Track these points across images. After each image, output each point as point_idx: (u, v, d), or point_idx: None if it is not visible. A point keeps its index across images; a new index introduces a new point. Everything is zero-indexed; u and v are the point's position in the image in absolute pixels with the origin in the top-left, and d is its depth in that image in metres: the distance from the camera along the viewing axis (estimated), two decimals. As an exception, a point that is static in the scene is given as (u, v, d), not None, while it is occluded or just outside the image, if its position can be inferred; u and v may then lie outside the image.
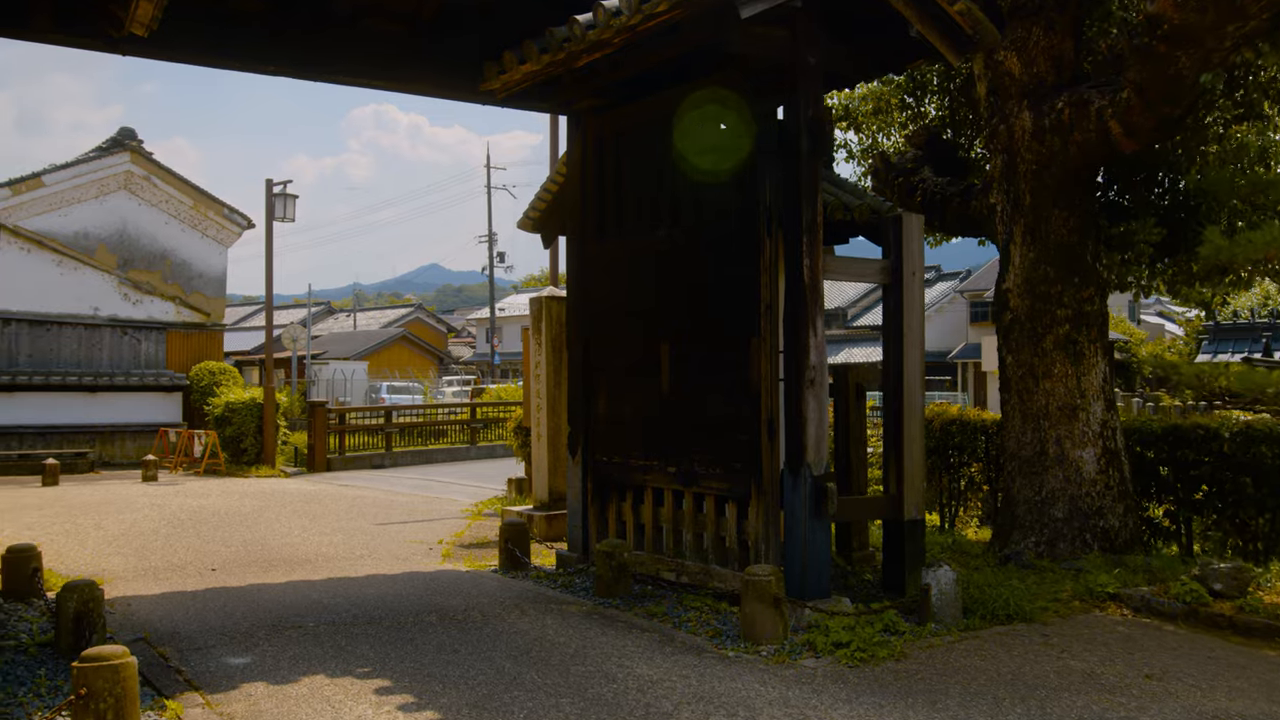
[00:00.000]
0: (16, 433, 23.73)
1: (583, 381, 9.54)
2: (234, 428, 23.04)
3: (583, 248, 9.57)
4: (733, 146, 8.09)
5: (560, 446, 11.93)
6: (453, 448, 25.81)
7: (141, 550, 10.73)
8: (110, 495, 16.84)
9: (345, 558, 10.36)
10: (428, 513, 14.67)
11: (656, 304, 8.72)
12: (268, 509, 14.73)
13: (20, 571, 8.00)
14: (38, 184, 24.62)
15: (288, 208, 23.44)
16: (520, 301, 79.42)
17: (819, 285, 7.73)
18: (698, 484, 8.28)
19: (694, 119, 8.46)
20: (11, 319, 24.33)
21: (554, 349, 11.94)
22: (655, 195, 8.83)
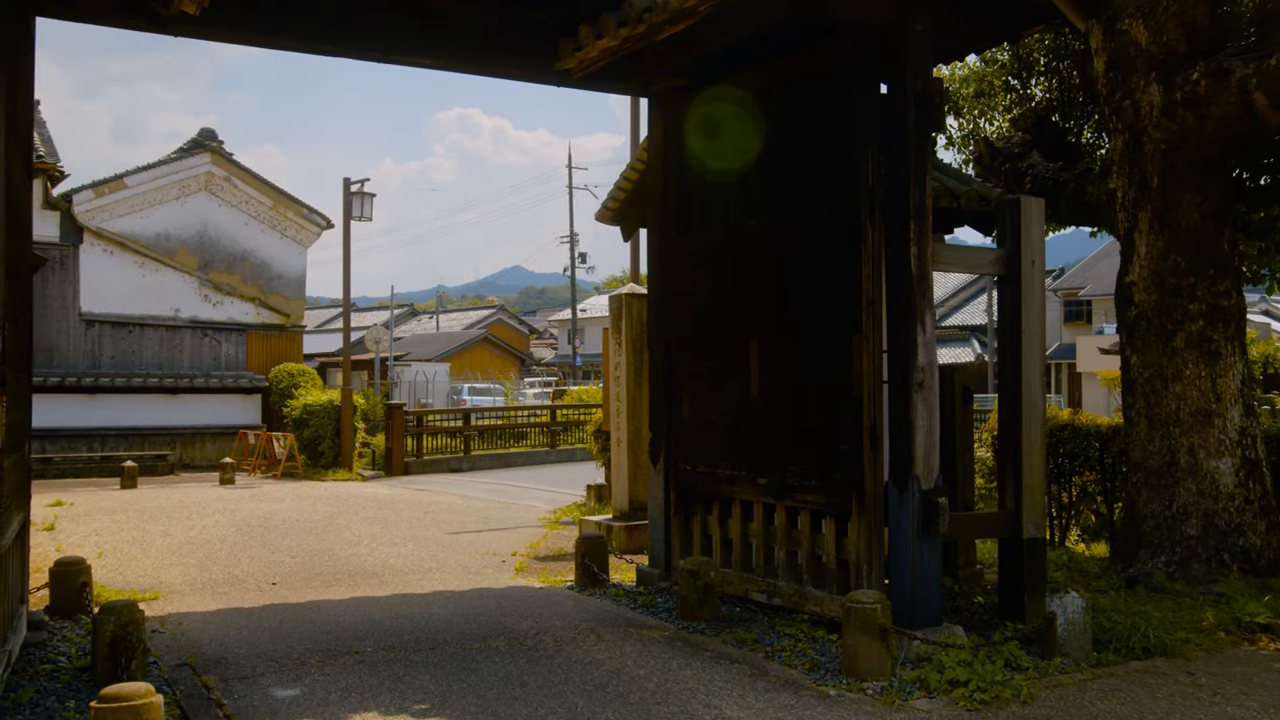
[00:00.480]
0: (99, 435, 23.78)
1: (665, 384, 8.84)
2: (312, 430, 22.78)
3: (664, 240, 8.87)
4: (830, 125, 7.32)
5: (641, 453, 11.24)
6: (532, 451, 25.30)
7: (204, 561, 10.28)
8: (184, 499, 16.58)
9: (413, 571, 9.78)
10: (503, 520, 14.09)
11: (745, 300, 7.98)
12: (339, 515, 14.28)
13: (68, 586, 7.55)
14: (120, 186, 24.66)
15: (365, 206, 23.12)
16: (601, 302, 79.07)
17: (928, 276, 6.93)
18: (791, 497, 7.52)
19: (786, 96, 7.72)
20: (95, 321, 24.42)
21: (634, 349, 11.26)
22: (743, 181, 8.09)
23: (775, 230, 7.74)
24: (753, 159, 7.98)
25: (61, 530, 12.65)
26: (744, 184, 8.08)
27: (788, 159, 7.67)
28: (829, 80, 7.35)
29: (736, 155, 8.15)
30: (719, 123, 8.36)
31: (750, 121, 8.01)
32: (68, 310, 24.11)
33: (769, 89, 7.86)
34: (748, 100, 8.05)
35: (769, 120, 7.85)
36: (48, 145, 24.13)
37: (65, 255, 24.13)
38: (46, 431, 23.11)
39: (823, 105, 7.40)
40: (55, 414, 23.32)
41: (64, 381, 23.41)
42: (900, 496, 6.81)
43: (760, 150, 7.92)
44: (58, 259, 24.03)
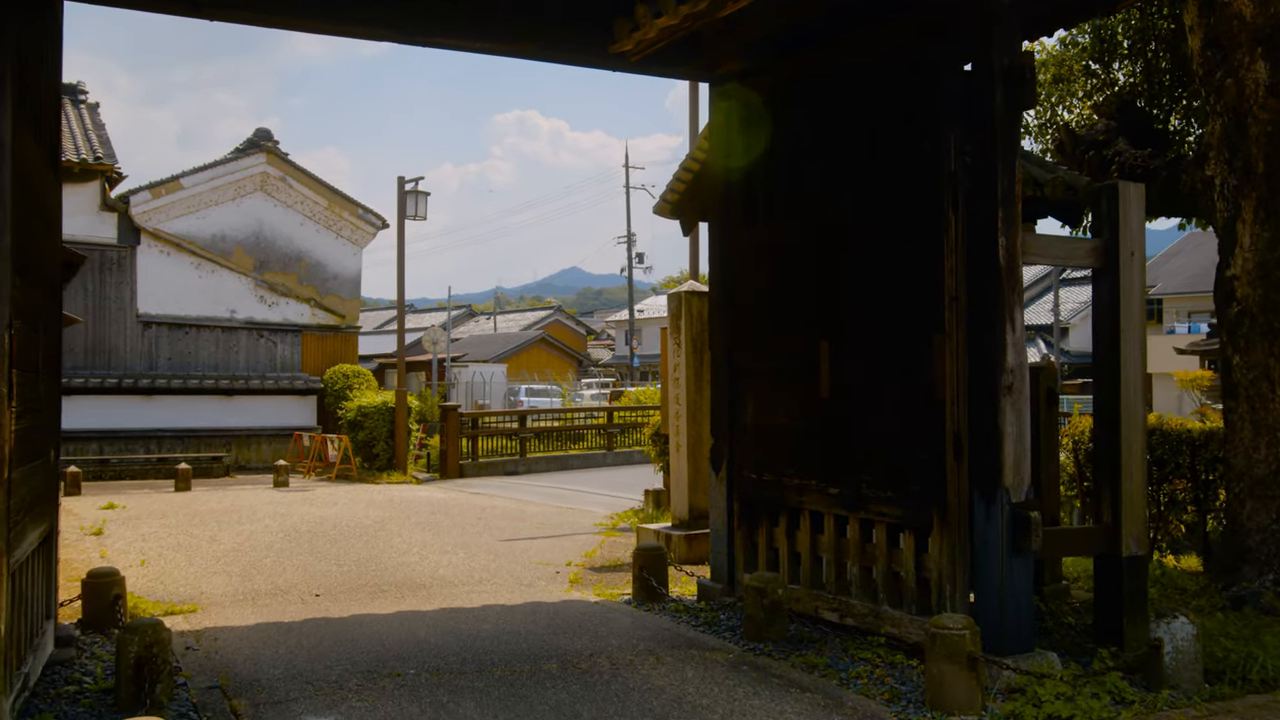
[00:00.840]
0: (156, 436, 23.73)
1: (728, 386, 8.30)
2: (366, 432, 22.52)
3: (727, 233, 8.33)
4: (907, 107, 6.75)
5: (701, 458, 10.71)
6: (588, 453, 24.86)
7: (248, 569, 9.92)
8: (236, 503, 16.33)
9: (463, 582, 9.34)
10: (558, 526, 13.63)
11: (815, 296, 7.43)
12: (391, 520, 13.91)
13: (101, 599, 7.18)
14: (176, 187, 24.61)
15: (419, 205, 22.82)
16: (659, 303, 78.63)
17: (1017, 269, 6.34)
18: (865, 508, 6.95)
19: (858, 77, 7.15)
20: (152, 322, 24.39)
21: (694, 349, 10.73)
22: (813, 169, 7.55)
23: (847, 221, 7.18)
24: (822, 145, 7.44)
25: (109, 535, 12.40)
26: (813, 172, 7.53)
27: (861, 144, 7.11)
28: (905, 58, 6.78)
29: (804, 141, 7.62)
30: (785, 107, 7.82)
31: (819, 105, 7.47)
32: (125, 311, 24.09)
33: (839, 69, 7.30)
34: (816, 82, 7.50)
35: (839, 103, 7.30)
36: (106, 147, 24.15)
37: (123, 256, 24.12)
38: (104, 433, 23.13)
39: (899, 85, 6.83)
40: (113, 415, 23.32)
41: (121, 383, 23.38)
42: (987, 510, 6.22)
43: (830, 136, 7.37)
44: (115, 260, 24.03)
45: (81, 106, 26.17)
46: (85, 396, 23.03)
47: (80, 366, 23.44)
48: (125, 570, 9.77)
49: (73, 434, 22.64)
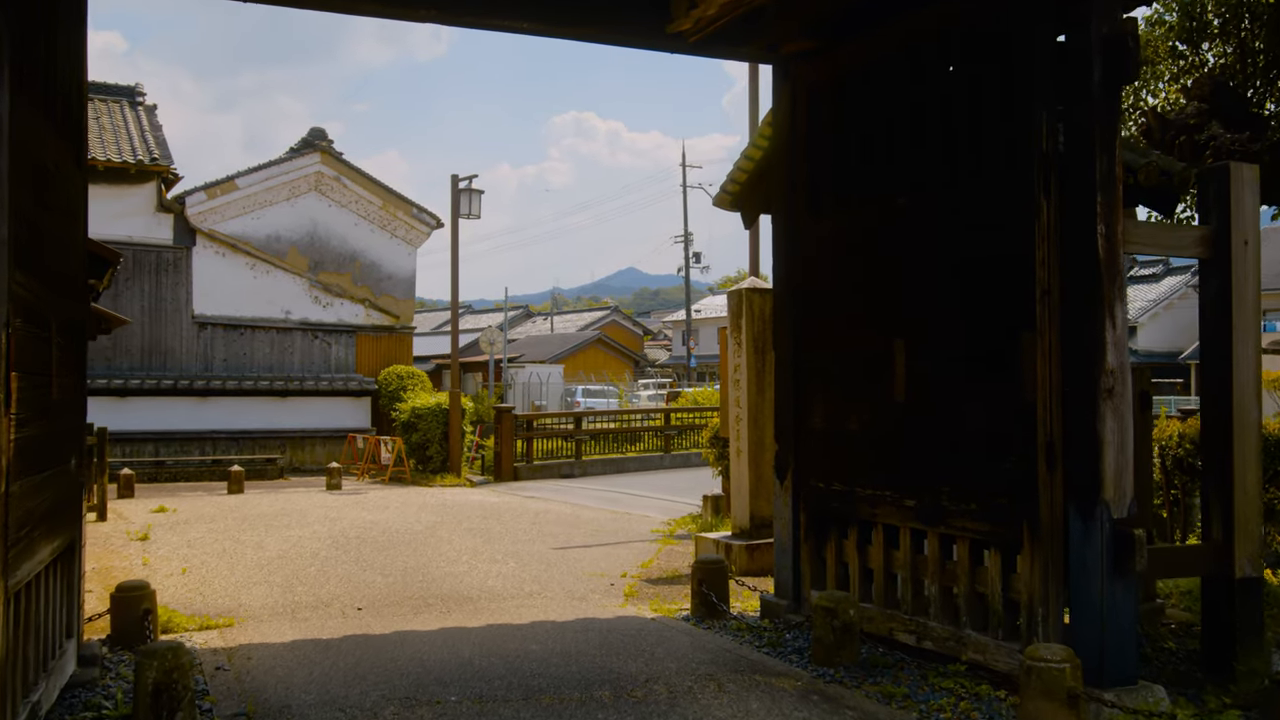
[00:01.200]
0: (210, 438, 23.63)
1: (793, 389, 7.74)
2: (420, 434, 22.20)
3: (792, 225, 7.77)
4: (992, 84, 6.16)
5: (763, 464, 10.17)
6: (645, 456, 24.36)
7: (290, 580, 9.54)
8: (287, 506, 16.05)
9: (512, 595, 8.87)
10: (614, 533, 13.14)
11: (889, 291, 6.85)
12: (441, 526, 13.51)
13: (130, 613, 6.81)
14: (231, 187, 24.51)
15: (473, 204, 22.46)
16: (717, 303, 78.02)
17: (1117, 260, 5.72)
18: (945, 522, 6.36)
19: (937, 54, 6.57)
20: (207, 323, 24.31)
21: (756, 350, 10.19)
22: (886, 155, 6.97)
23: (925, 209, 6.60)
24: (896, 129, 6.86)
25: (155, 540, 12.12)
26: (887, 158, 6.95)
27: (940, 127, 6.53)
28: (990, 30, 6.19)
29: (876, 125, 7.05)
30: (855, 89, 7.25)
31: (892, 86, 6.89)
32: (181, 313, 24.03)
33: (915, 46, 6.72)
34: (889, 61, 6.93)
35: (916, 83, 6.71)
36: (162, 148, 24.12)
37: (178, 257, 24.07)
38: (159, 434, 23.07)
39: (982, 60, 6.24)
40: (168, 417, 23.26)
41: (176, 384, 23.31)
42: (1085, 526, 5.61)
43: (905, 118, 6.79)
44: (171, 261, 23.98)
45: (139, 109, 26.20)
46: (141, 398, 23.01)
47: (137, 368, 23.43)
48: (165, 579, 9.48)
49: (128, 435, 22.64)
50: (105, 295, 22.87)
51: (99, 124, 24.68)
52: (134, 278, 23.53)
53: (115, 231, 23.17)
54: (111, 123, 24.99)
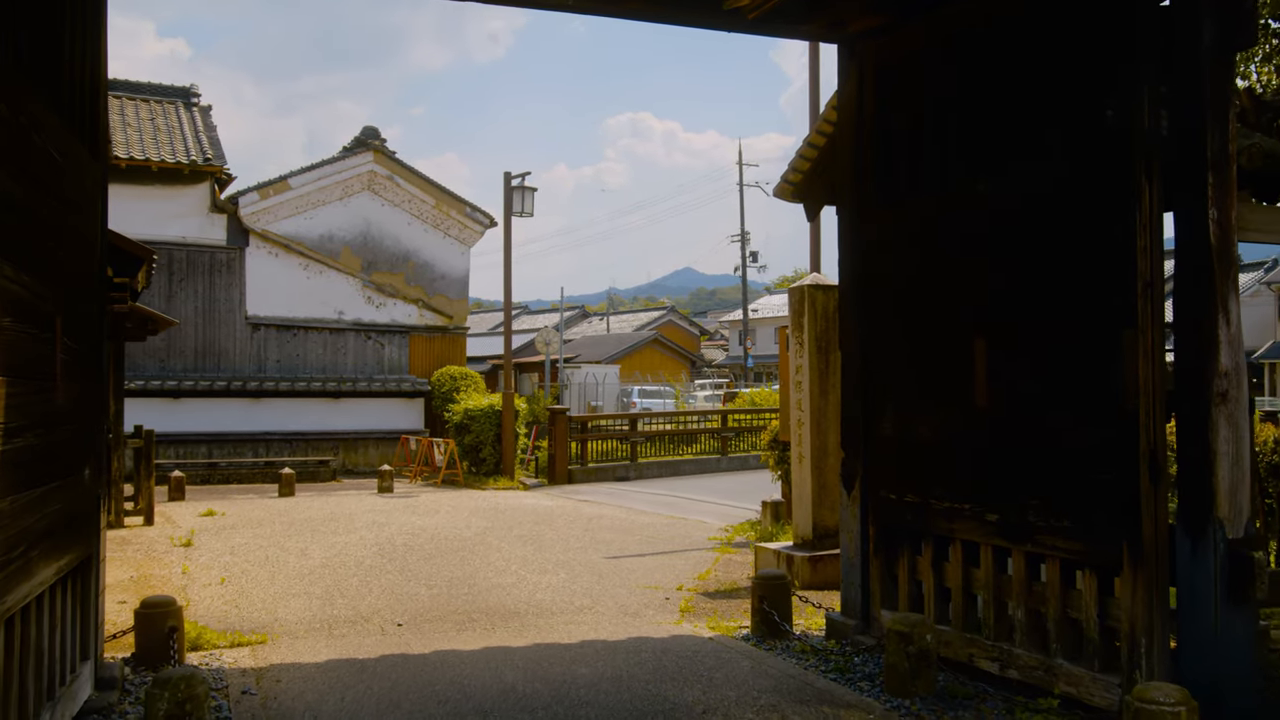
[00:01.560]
0: (264, 439, 23.47)
1: (861, 392, 7.17)
2: (473, 436, 21.86)
3: (859, 215, 7.20)
4: (1084, 55, 5.55)
5: (826, 471, 9.60)
6: (702, 458, 23.82)
7: (331, 591, 9.14)
8: (337, 510, 15.73)
9: (561, 609, 8.39)
10: (669, 540, 12.63)
11: (968, 286, 6.26)
12: (492, 532, 13.08)
13: (155, 631, 6.41)
14: (284, 187, 24.34)
15: (526, 201, 22.07)
16: (774, 302, 77.25)
17: (1231, 248, 5.11)
18: (1032, 539, 5.77)
19: (1020, 25, 5.97)
20: (261, 324, 24.16)
21: (819, 350, 9.62)
22: (965, 138, 6.38)
23: (1009, 195, 6.00)
24: (976, 109, 6.27)
25: (198, 546, 11.81)
26: (965, 141, 6.36)
27: (1026, 104, 5.92)
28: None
29: (953, 105, 6.45)
30: (928, 68, 6.67)
31: (971, 62, 6.30)
32: (234, 313, 23.91)
33: (996, 18, 6.13)
34: (967, 35, 6.34)
35: (997, 58, 6.12)
36: (215, 149, 24.01)
37: (231, 258, 23.95)
38: (213, 436, 22.96)
39: (1073, 30, 5.63)
40: (221, 418, 23.14)
41: (230, 385, 23.17)
42: (1194, 547, 5.00)
43: (986, 97, 6.20)
44: (224, 262, 23.87)
45: (194, 109, 26.15)
46: (194, 399, 22.90)
47: (190, 369, 23.34)
48: (203, 589, 9.12)
49: (182, 437, 22.55)
50: (159, 296, 22.83)
51: (154, 125, 24.66)
52: (187, 279, 23.45)
53: (169, 232, 23.13)
54: (166, 124, 24.95)
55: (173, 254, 23.25)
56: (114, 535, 12.95)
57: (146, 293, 22.78)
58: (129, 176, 22.63)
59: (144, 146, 23.23)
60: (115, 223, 18.57)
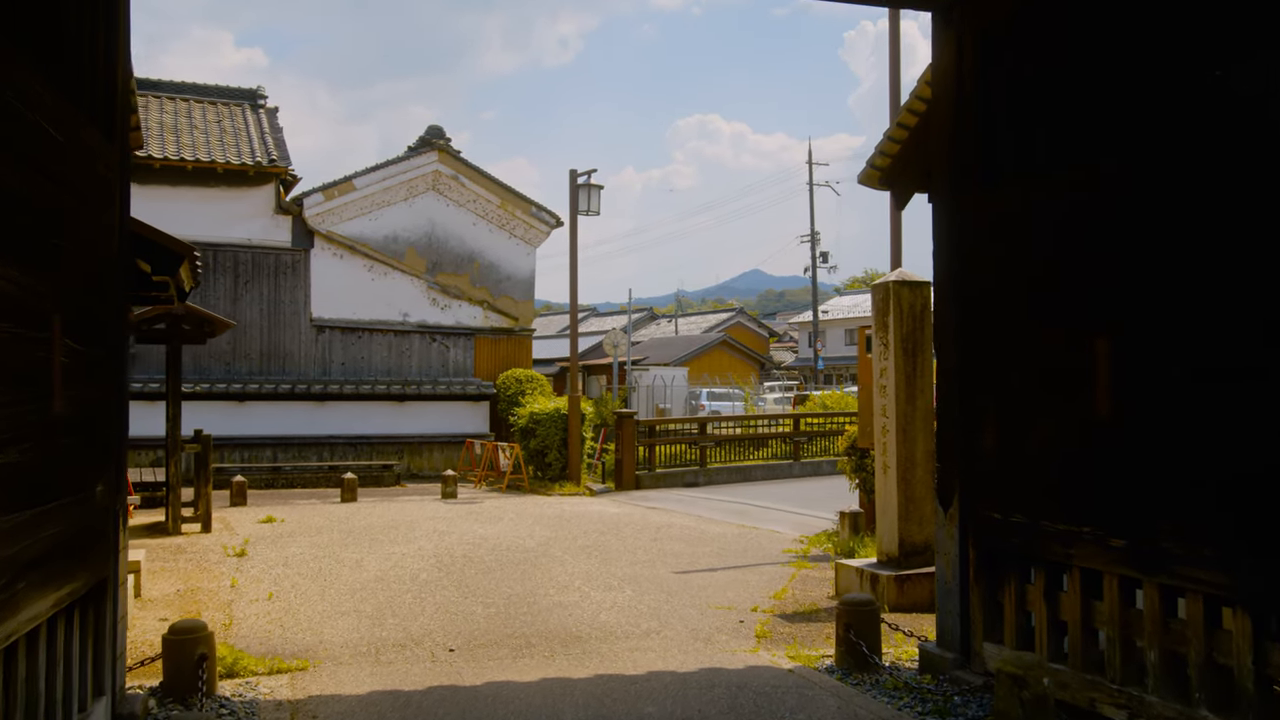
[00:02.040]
0: (328, 443, 23.17)
1: (959, 399, 6.43)
2: (538, 440, 21.32)
3: (958, 201, 6.46)
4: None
5: (914, 483, 8.85)
6: (772, 463, 23.07)
7: (382, 609, 8.59)
8: (398, 517, 15.27)
9: (626, 634, 7.74)
10: (741, 553, 11.94)
11: (1089, 280, 5.48)
12: (555, 542, 12.50)
13: (183, 659, 5.89)
14: (349, 188, 24.05)
15: (592, 200, 21.49)
16: (844, 303, 76.11)
17: None
18: (1168, 570, 4.99)
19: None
20: (325, 326, 23.89)
21: (905, 351, 8.87)
22: (1087, 111, 5.61)
23: (1142, 176, 5.21)
24: (1101, 76, 5.50)
25: (251, 556, 11.37)
26: (1088, 115, 5.59)
27: (1162, 66, 5.15)
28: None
29: (1072, 73, 5.69)
30: (1042, 30, 5.91)
31: (1094, 21, 5.54)
32: (299, 316, 23.65)
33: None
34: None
35: (1127, 12, 5.35)
36: (280, 150, 23.80)
37: (296, 260, 23.69)
38: (277, 440, 22.72)
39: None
40: (286, 421, 22.89)
41: (294, 388, 22.90)
42: (1373, 583, 4.21)
43: (1111, 61, 5.43)
44: (289, 264, 23.62)
45: (260, 111, 26.00)
46: (259, 402, 22.68)
47: (256, 372, 23.13)
48: (249, 605, 8.63)
49: (246, 440, 22.34)
50: (224, 298, 22.65)
51: (220, 127, 24.53)
52: (253, 281, 23.24)
53: (234, 234, 22.95)
54: (232, 125, 24.81)
55: (238, 256, 23.07)
56: (170, 543, 12.60)
57: (212, 295, 22.64)
58: (195, 178, 22.50)
59: (210, 148, 23.08)
60: (179, 224, 18.22)
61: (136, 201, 19.91)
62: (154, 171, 22.13)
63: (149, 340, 14.52)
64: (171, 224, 22.19)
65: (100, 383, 4.95)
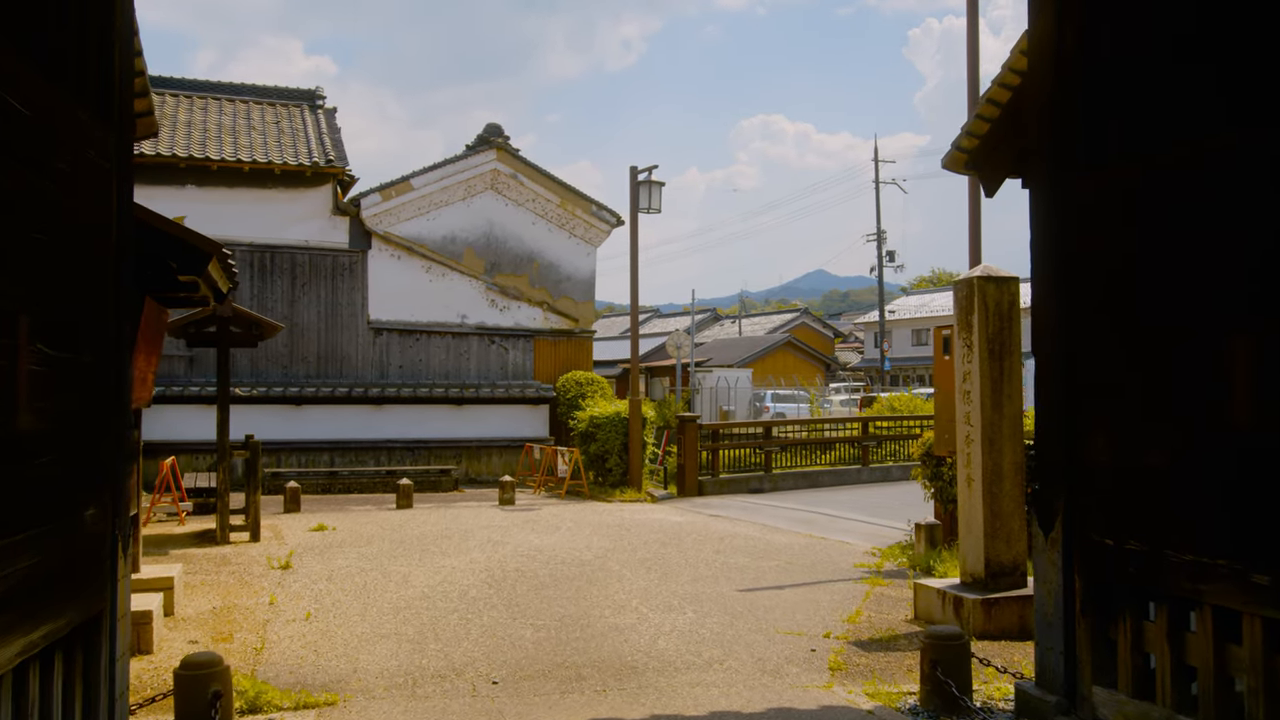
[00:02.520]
0: (385, 447, 22.80)
1: (1063, 406, 5.68)
2: (598, 444, 20.72)
3: (1063, 181, 5.70)
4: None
5: (1001, 497, 8.10)
6: (839, 469, 22.28)
7: (424, 632, 8.02)
8: (452, 525, 14.76)
9: (687, 664, 7.09)
10: (810, 568, 11.22)
11: (1222, 268, 4.71)
12: (613, 554, 11.88)
13: (196, 696, 5.35)
14: (406, 188, 23.66)
15: (653, 197, 20.85)
16: (911, 303, 74.76)
17: None
18: (1320, 611, 4.22)
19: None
20: (383, 329, 23.52)
21: (991, 353, 8.12)
22: (1222, 75, 4.84)
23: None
24: (1229, 31, 4.74)
25: (296, 570, 10.90)
26: (1223, 79, 4.82)
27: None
28: None
29: (1200, 29, 4.93)
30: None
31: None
32: (356, 318, 23.30)
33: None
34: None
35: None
36: (338, 150, 23.51)
37: (354, 261, 23.35)
38: (334, 444, 22.40)
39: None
40: (344, 425, 22.57)
41: (351, 392, 22.55)
42: None
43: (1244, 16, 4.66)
44: (346, 266, 23.29)
45: (319, 111, 25.76)
46: (317, 406, 22.37)
47: (313, 375, 22.83)
48: (286, 625, 8.13)
49: (304, 445, 22.05)
50: (282, 301, 22.39)
51: (278, 128, 24.30)
52: (310, 283, 22.94)
53: (291, 235, 22.68)
54: (290, 126, 24.57)
55: (295, 258, 22.79)
56: (215, 553, 12.20)
57: (270, 297, 22.39)
58: (252, 180, 22.26)
59: (267, 150, 22.82)
60: (237, 226, 17.83)
61: (193, 204, 19.60)
62: (211, 173, 21.93)
63: (200, 343, 14.16)
64: (229, 226, 22.07)
65: (91, 393, 4.41)
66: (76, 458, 4.21)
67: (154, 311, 7.97)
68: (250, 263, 22.44)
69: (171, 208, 21.76)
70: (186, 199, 21.79)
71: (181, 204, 21.61)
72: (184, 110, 24.25)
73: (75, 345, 4.18)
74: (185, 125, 23.41)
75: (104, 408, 4.59)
